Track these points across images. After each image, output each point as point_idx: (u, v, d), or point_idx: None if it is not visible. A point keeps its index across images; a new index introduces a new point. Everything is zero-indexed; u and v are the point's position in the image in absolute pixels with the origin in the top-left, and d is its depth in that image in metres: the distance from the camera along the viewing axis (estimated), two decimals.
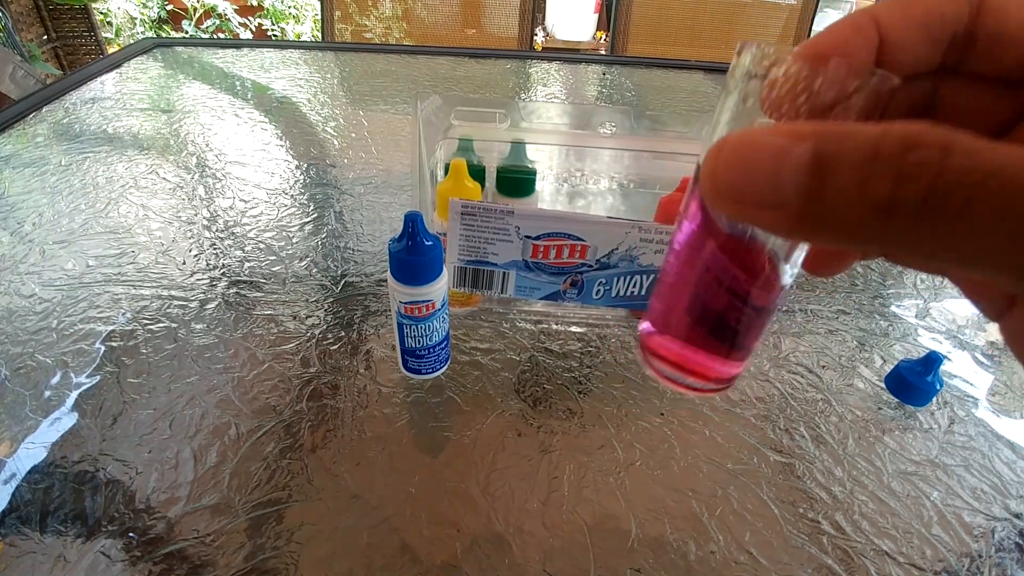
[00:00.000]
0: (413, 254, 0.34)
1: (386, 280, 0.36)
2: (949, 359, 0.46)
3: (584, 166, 0.50)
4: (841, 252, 0.16)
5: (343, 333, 0.45)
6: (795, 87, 0.13)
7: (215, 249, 0.54)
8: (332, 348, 0.44)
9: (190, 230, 0.56)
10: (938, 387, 0.40)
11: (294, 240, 0.56)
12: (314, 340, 0.44)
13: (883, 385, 0.43)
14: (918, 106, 0.16)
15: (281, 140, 0.77)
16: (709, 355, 0.18)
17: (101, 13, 2.73)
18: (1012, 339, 0.15)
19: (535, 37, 1.58)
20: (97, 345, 0.42)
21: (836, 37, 0.14)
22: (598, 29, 3.14)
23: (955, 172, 0.09)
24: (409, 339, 0.38)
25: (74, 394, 0.39)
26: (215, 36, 2.95)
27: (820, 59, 0.14)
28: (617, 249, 0.39)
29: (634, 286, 0.41)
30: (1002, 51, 0.14)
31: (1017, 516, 0.35)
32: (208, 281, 0.49)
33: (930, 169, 0.09)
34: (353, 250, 0.55)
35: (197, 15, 2.96)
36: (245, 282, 0.50)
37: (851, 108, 0.13)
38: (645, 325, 0.20)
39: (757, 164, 0.11)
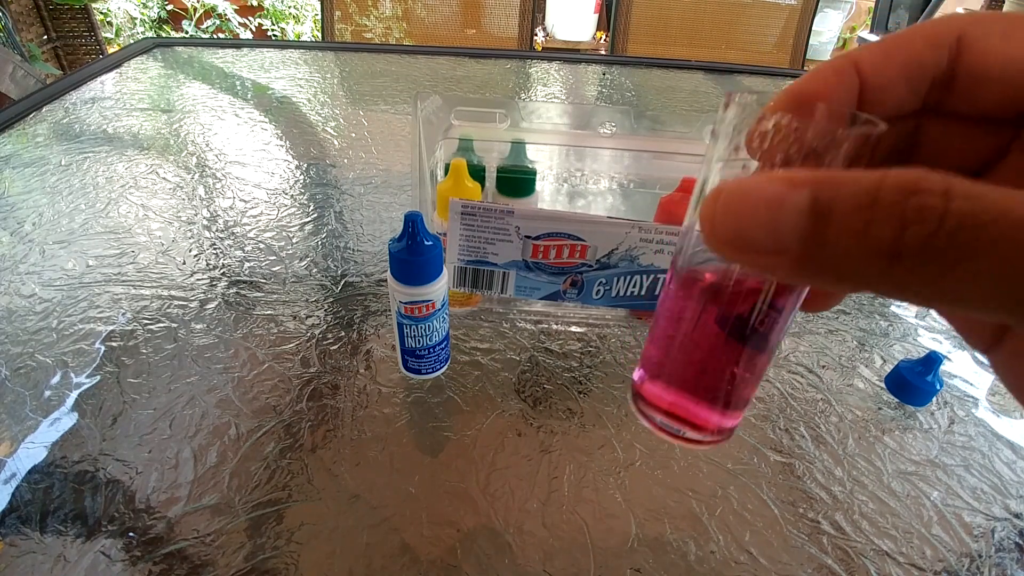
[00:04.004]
0: (413, 254, 0.34)
1: (386, 280, 0.36)
2: (949, 359, 0.46)
3: (584, 166, 0.50)
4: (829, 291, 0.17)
5: (343, 333, 0.45)
6: (785, 136, 0.13)
7: (215, 249, 0.54)
8: (332, 348, 0.44)
9: (190, 230, 0.56)
10: (938, 387, 0.40)
11: (294, 240, 0.56)
12: (314, 340, 0.44)
13: (883, 385, 0.43)
14: (900, 144, 0.16)
15: (281, 140, 0.77)
16: (707, 406, 0.18)
17: (101, 13, 2.73)
18: (1001, 371, 0.15)
19: (535, 37, 1.58)
20: (97, 345, 0.42)
21: (818, 82, 0.14)
22: (598, 29, 3.14)
23: (959, 216, 0.09)
24: (409, 339, 0.38)
25: (74, 394, 0.39)
26: (215, 36, 2.95)
27: (803, 104, 0.14)
28: (617, 249, 0.39)
29: (634, 286, 0.41)
30: (982, 91, 0.14)
31: (1017, 516, 0.35)
32: (208, 281, 0.49)
33: (933, 214, 0.09)
34: (353, 250, 0.55)
35: (197, 15, 2.96)
36: (245, 282, 0.50)
37: (840, 154, 0.13)
38: (639, 373, 0.19)
39: (755, 210, 0.11)
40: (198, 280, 0.49)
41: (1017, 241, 0.09)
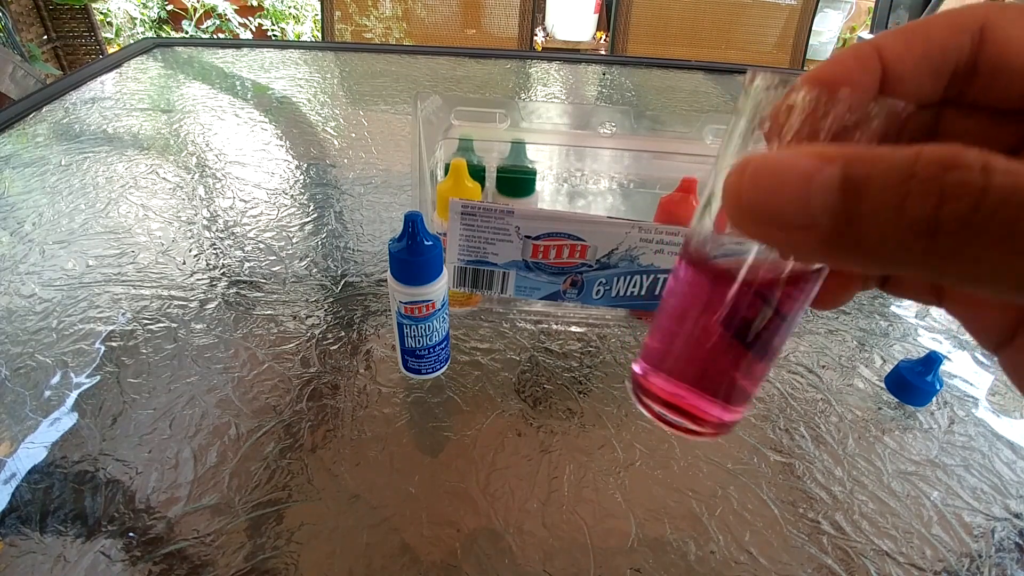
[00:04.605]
0: (413, 254, 0.34)
1: (386, 280, 0.36)
2: (949, 359, 0.46)
3: (584, 166, 0.50)
4: (844, 285, 0.16)
5: (343, 333, 0.45)
6: (814, 112, 0.13)
7: (215, 249, 0.54)
8: (332, 348, 0.44)
9: (190, 230, 0.56)
10: (938, 387, 0.40)
11: (294, 240, 0.56)
12: (314, 340, 0.44)
13: (883, 385, 0.43)
14: (919, 137, 0.16)
15: (281, 140, 0.77)
16: (709, 400, 0.18)
17: (101, 13, 2.73)
18: (1012, 371, 0.15)
19: (535, 37, 1.58)
20: (97, 345, 0.42)
21: (840, 67, 0.14)
22: (598, 29, 3.14)
23: (999, 191, 0.09)
24: (409, 339, 0.38)
25: (74, 394, 0.39)
26: (215, 36, 2.95)
27: (826, 88, 0.14)
28: (617, 249, 0.39)
29: (634, 286, 0.41)
30: (1005, 82, 0.14)
31: (1017, 516, 0.35)
32: (208, 281, 0.49)
33: (973, 189, 0.09)
34: (353, 250, 0.55)
35: (197, 15, 2.96)
36: (245, 282, 0.50)
37: (869, 131, 0.13)
38: (640, 365, 0.19)
39: (784, 184, 0.11)
40: (198, 280, 0.49)
41: None
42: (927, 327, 0.50)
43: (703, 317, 0.17)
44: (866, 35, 2.64)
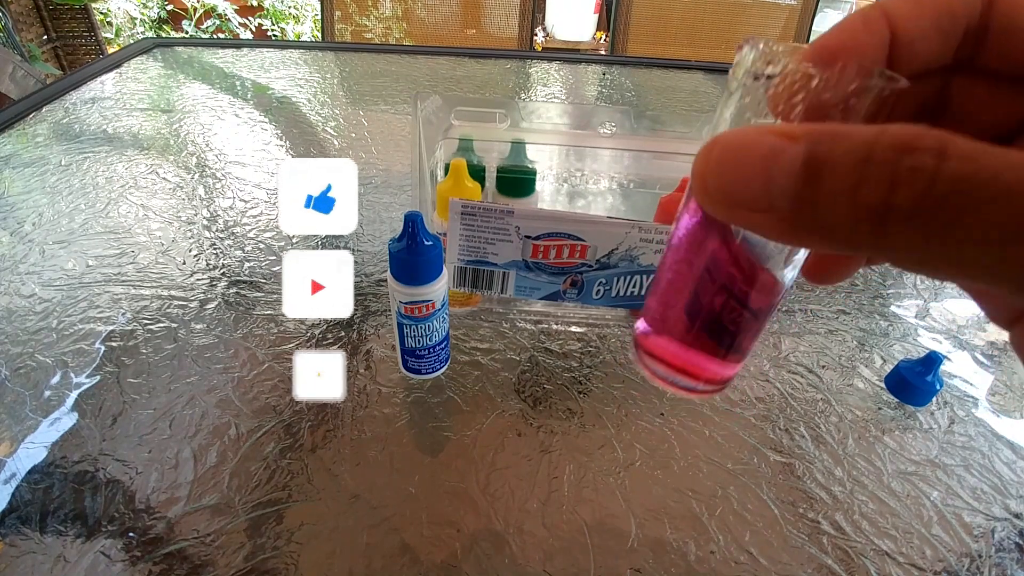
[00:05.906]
0: (413, 254, 0.34)
1: (386, 280, 0.36)
2: (949, 359, 0.46)
3: (584, 166, 0.50)
4: (843, 259, 0.16)
5: (343, 333, 0.45)
6: (794, 86, 0.12)
7: (215, 249, 0.54)
8: (332, 348, 0.44)
9: (190, 230, 0.56)
10: (938, 387, 0.40)
11: (294, 240, 0.56)
12: (314, 340, 0.44)
13: (883, 385, 0.43)
14: (930, 103, 0.15)
15: (281, 140, 0.77)
16: (705, 356, 0.18)
17: (101, 13, 2.73)
18: (1021, 348, 0.15)
19: (535, 37, 1.58)
20: (97, 345, 0.42)
21: (847, 33, 0.14)
22: (598, 29, 3.14)
23: (950, 178, 0.09)
24: (409, 339, 0.38)
25: (74, 394, 0.39)
26: (215, 36, 2.95)
27: (832, 56, 0.14)
28: (617, 249, 0.39)
29: (634, 286, 0.41)
30: (1014, 46, 0.13)
31: (1017, 516, 0.35)
32: (208, 281, 0.49)
33: (925, 174, 0.09)
34: (353, 250, 0.55)
35: (197, 15, 2.96)
36: (245, 282, 0.50)
37: (854, 108, 0.12)
38: (641, 324, 0.19)
39: (747, 165, 0.11)
40: (198, 280, 0.49)
41: (1008, 205, 0.08)
42: (927, 327, 0.50)
43: (698, 272, 0.16)
44: None
